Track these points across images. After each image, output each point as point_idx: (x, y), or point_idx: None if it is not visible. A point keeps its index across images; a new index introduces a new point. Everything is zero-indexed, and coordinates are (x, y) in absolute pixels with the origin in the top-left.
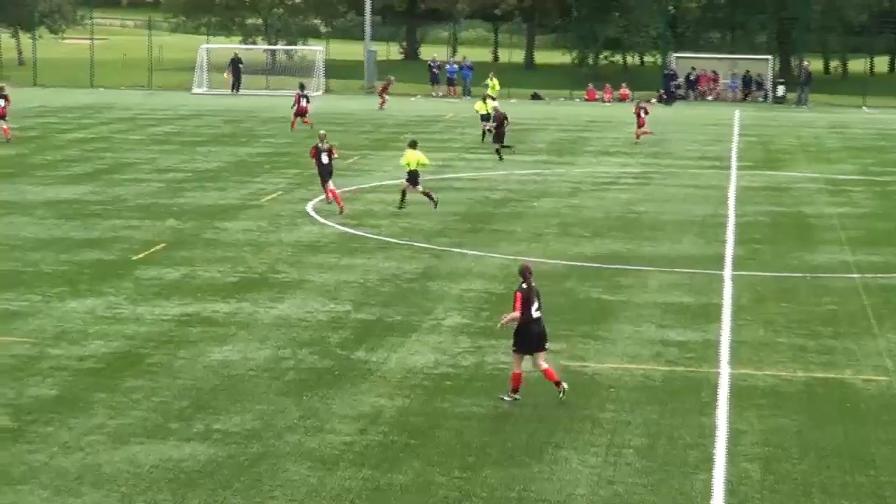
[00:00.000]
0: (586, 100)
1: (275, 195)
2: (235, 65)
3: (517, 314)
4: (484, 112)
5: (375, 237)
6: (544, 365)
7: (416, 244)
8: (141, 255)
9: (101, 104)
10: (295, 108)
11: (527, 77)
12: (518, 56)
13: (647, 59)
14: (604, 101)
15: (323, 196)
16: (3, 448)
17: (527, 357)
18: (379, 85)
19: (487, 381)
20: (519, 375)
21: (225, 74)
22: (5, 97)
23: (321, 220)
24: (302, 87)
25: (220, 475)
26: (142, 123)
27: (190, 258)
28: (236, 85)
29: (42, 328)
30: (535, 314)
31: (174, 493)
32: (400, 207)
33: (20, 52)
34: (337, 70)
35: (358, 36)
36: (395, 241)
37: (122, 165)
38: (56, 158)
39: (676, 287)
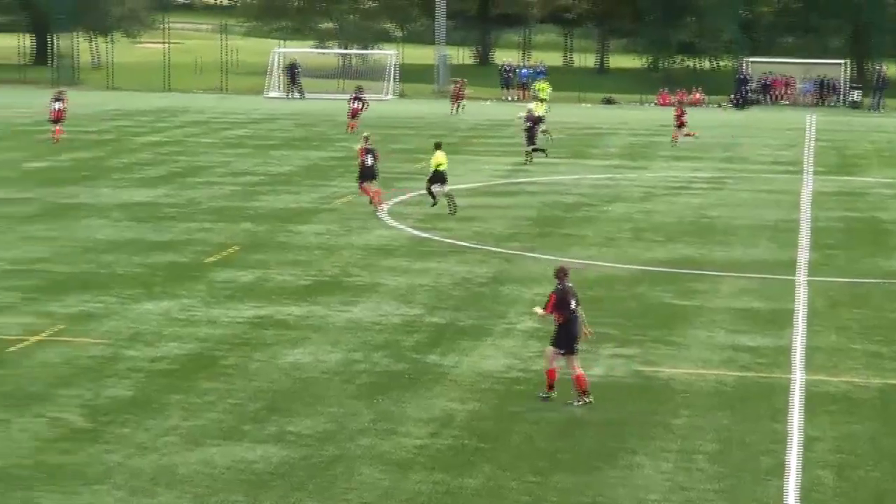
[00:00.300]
0: (658, 104)
1: (347, 198)
2: (293, 70)
3: (539, 311)
4: (539, 113)
5: (447, 241)
6: (578, 371)
7: (487, 248)
8: (214, 258)
9: (176, 108)
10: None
11: (599, 81)
12: (590, 60)
13: (721, 63)
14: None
15: (395, 199)
16: (80, 449)
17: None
18: (452, 88)
19: (560, 385)
20: (553, 372)
21: (280, 75)
22: (62, 101)
23: (393, 223)
24: (359, 90)
25: (293, 477)
26: (215, 127)
27: (263, 261)
28: (295, 90)
29: (117, 330)
30: (577, 314)
31: (247, 495)
32: (452, 209)
33: (96, 56)
34: (409, 74)
35: (430, 40)
36: (466, 244)
37: (196, 169)
38: (131, 161)
39: (749, 292)
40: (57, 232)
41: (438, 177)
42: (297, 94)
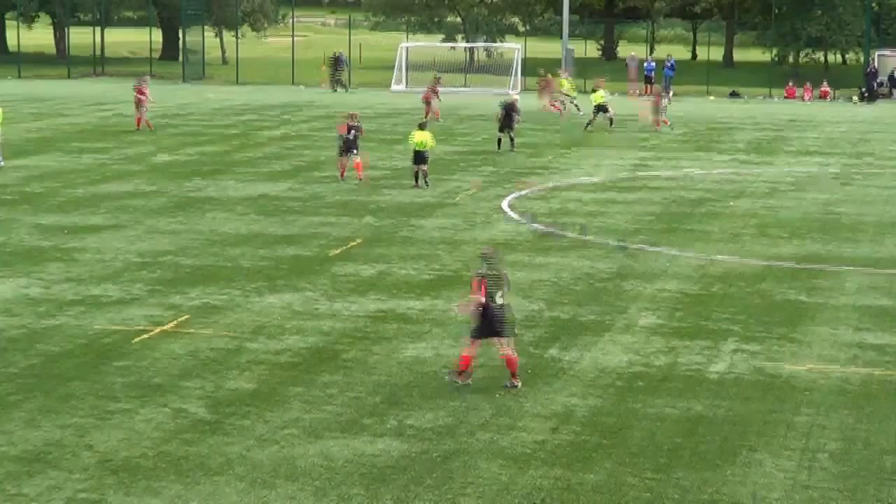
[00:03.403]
0: (786, 98)
1: (470, 193)
2: (337, 61)
3: (476, 298)
4: (599, 103)
5: (570, 235)
6: (507, 351)
7: (610, 243)
8: (338, 252)
9: (301, 102)
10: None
11: (725, 75)
12: (717, 54)
13: (849, 57)
14: (804, 100)
15: (517, 193)
16: (202, 440)
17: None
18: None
19: (680, 382)
20: (467, 359)
21: (322, 67)
22: (141, 90)
23: (516, 217)
24: (436, 79)
25: (412, 471)
26: (340, 121)
27: (386, 255)
28: (338, 83)
29: (241, 322)
30: (499, 301)
31: (367, 489)
32: (416, 185)
33: (224, 51)
34: (535, 68)
35: (556, 34)
36: (589, 239)
37: (321, 163)
38: (256, 156)
39: (875, 289)
40: (183, 225)
41: (418, 157)
42: (339, 88)
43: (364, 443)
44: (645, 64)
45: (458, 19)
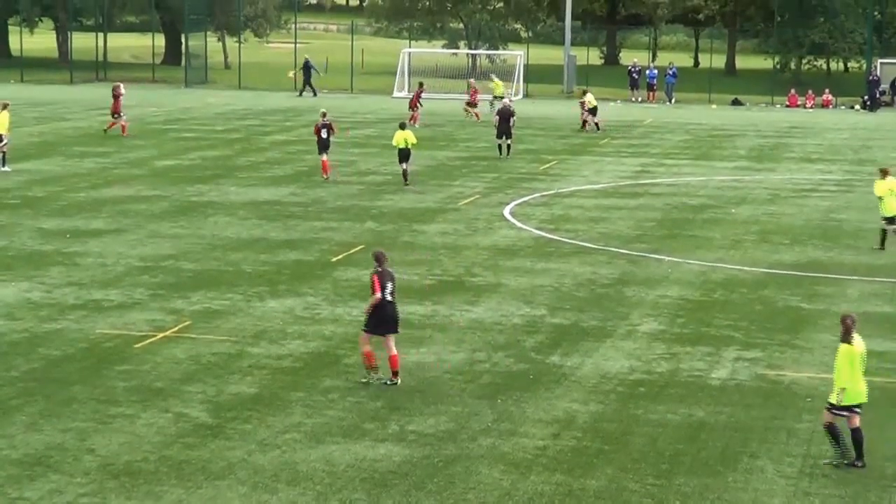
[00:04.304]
0: (788, 106)
1: (472, 199)
2: (307, 67)
3: (378, 295)
4: (591, 106)
5: (572, 241)
6: (393, 351)
7: (612, 249)
8: (339, 257)
9: (304, 107)
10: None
11: (727, 82)
12: (719, 61)
13: (851, 64)
14: (806, 108)
15: (519, 199)
16: (203, 444)
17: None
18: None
19: (682, 388)
20: (370, 354)
21: (290, 74)
22: (116, 96)
23: (518, 223)
24: (420, 85)
25: (413, 476)
26: (342, 126)
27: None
28: (306, 89)
29: (242, 327)
30: (388, 297)
31: (368, 494)
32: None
33: (226, 56)
34: (537, 74)
35: (558, 41)
36: (591, 245)
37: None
38: (258, 160)
39: (877, 297)
40: (184, 229)
41: (402, 154)
42: (307, 93)
43: (366, 448)
44: (647, 71)
45: (461, 25)
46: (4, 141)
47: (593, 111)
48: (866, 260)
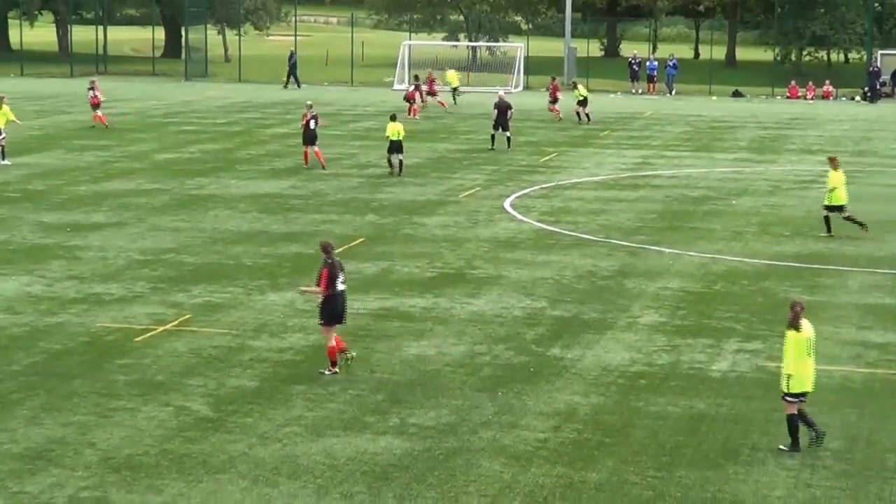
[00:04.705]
0: (788, 97)
1: (473, 191)
2: (290, 60)
3: (322, 290)
4: (581, 98)
5: (572, 234)
6: (337, 340)
7: (612, 241)
8: (340, 250)
9: (304, 100)
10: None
11: (728, 74)
12: (719, 53)
13: (852, 56)
14: (806, 99)
15: (520, 192)
16: (204, 438)
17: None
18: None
19: (683, 380)
20: (334, 349)
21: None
22: (94, 89)
23: (518, 216)
24: (416, 77)
25: (414, 469)
26: (343, 119)
27: (388, 253)
28: (290, 81)
29: (243, 320)
30: (340, 287)
31: (369, 486)
32: (396, 174)
33: (226, 49)
34: (537, 66)
35: (558, 33)
36: (591, 237)
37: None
38: (259, 153)
39: (878, 288)
40: (185, 223)
41: (394, 146)
42: (292, 85)
43: (366, 441)
44: (647, 63)
45: (461, 17)
46: (2, 135)
47: (583, 102)
48: (867, 251)
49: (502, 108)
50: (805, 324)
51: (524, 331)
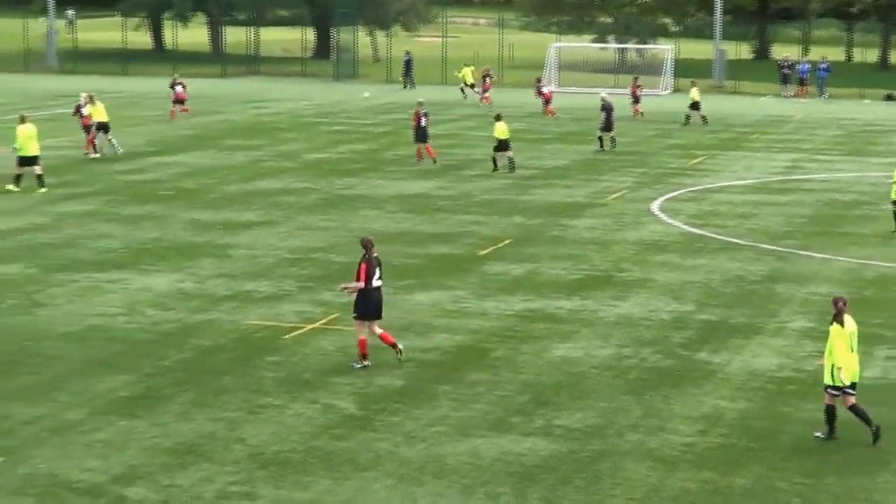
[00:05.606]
0: None
1: (620, 193)
2: (407, 62)
3: (361, 284)
4: (693, 101)
5: (720, 237)
6: (379, 331)
7: (761, 245)
8: (487, 251)
9: (452, 101)
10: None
11: (881, 77)
12: (872, 55)
13: None
14: None
15: (668, 195)
16: (351, 436)
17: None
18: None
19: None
20: (365, 342)
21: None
22: (182, 84)
23: (666, 219)
24: (538, 80)
25: (560, 471)
26: (491, 120)
27: (535, 255)
28: (408, 82)
29: (390, 319)
30: (376, 283)
31: (514, 487)
32: (509, 170)
33: (376, 50)
34: (686, 69)
35: (708, 35)
36: (740, 241)
37: (471, 162)
38: (406, 154)
39: None
40: (333, 222)
41: (502, 145)
42: (410, 85)
43: (512, 441)
44: (798, 66)
45: (609, 20)
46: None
47: (695, 106)
48: None
49: (609, 109)
50: (848, 319)
51: (671, 334)
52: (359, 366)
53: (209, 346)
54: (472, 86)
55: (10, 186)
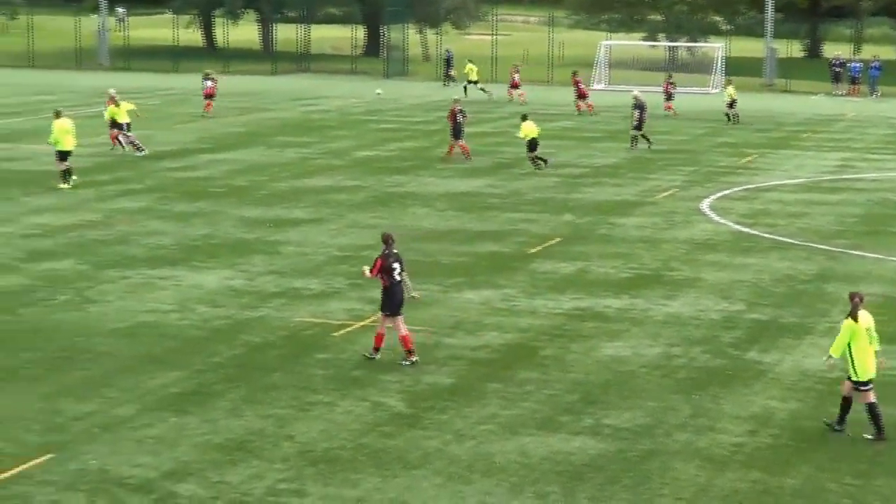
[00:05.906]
0: None
1: (670, 192)
2: (448, 59)
3: (368, 275)
4: (730, 99)
5: (770, 236)
6: (403, 332)
7: (811, 245)
8: (537, 249)
9: (502, 99)
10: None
11: None
12: None
13: None
14: None
15: (718, 194)
16: (400, 434)
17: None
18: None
19: (884, 388)
20: (382, 336)
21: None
22: (213, 79)
23: (716, 217)
24: (575, 73)
25: (608, 470)
26: (539, 118)
27: (584, 253)
28: (449, 78)
29: (439, 317)
30: (398, 278)
31: (563, 486)
32: (543, 166)
33: (426, 48)
34: (736, 67)
35: (759, 33)
36: (790, 241)
37: (521, 160)
38: (456, 151)
39: None
40: (383, 220)
41: (532, 144)
42: (450, 83)
43: (560, 440)
44: (850, 64)
45: (660, 17)
46: (126, 129)
47: (732, 104)
48: None
49: (642, 107)
50: (863, 314)
51: (721, 334)
52: (370, 356)
53: (259, 343)
54: (476, 83)
55: (62, 185)
